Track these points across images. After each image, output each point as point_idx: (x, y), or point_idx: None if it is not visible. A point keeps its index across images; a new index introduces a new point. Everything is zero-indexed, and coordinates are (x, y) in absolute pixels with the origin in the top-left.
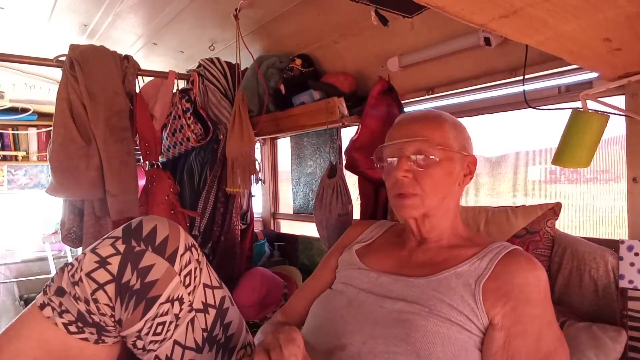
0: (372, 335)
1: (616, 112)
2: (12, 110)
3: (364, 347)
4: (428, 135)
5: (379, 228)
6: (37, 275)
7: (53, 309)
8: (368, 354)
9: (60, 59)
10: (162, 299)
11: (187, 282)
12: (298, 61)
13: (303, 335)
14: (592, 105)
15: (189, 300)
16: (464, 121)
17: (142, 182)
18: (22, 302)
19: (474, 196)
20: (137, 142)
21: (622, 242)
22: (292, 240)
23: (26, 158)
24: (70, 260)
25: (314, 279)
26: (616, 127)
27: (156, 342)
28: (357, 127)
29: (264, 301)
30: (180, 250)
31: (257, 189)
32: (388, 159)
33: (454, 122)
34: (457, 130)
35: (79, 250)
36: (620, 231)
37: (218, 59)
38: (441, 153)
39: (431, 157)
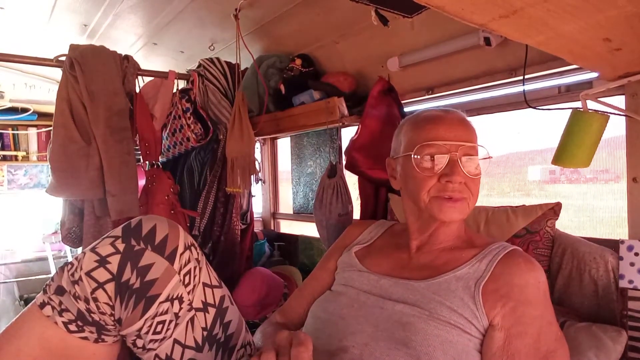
0: (374, 337)
1: (616, 112)
2: (12, 110)
3: (365, 349)
4: (474, 140)
5: (378, 228)
6: (37, 275)
7: (53, 307)
8: (370, 356)
9: (60, 59)
10: (162, 297)
11: (186, 281)
12: (298, 61)
13: None
14: (592, 105)
15: (189, 299)
16: None
17: (142, 182)
18: (22, 302)
19: None
20: (137, 142)
21: (622, 242)
22: (292, 240)
23: (26, 158)
24: (70, 260)
25: (313, 279)
26: (616, 127)
27: (156, 341)
28: (357, 127)
29: (264, 301)
30: (180, 249)
31: (257, 189)
32: (434, 156)
33: None
34: None
35: (79, 250)
36: (620, 231)
37: (218, 59)
38: (484, 161)
39: (479, 165)
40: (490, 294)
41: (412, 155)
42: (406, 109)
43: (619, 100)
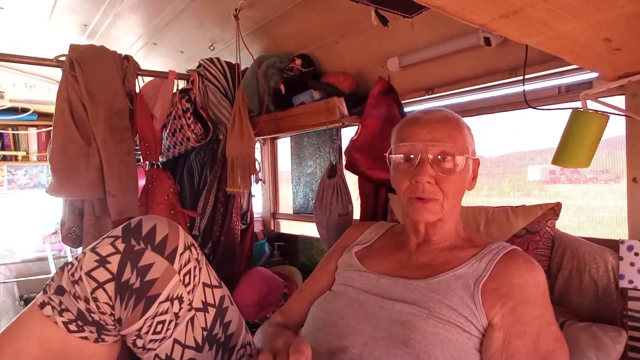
0: (373, 337)
1: (616, 112)
2: (12, 110)
3: (365, 349)
4: (453, 140)
5: (378, 229)
6: (37, 275)
7: (53, 307)
8: (369, 356)
9: (60, 59)
10: (162, 297)
11: (186, 281)
12: (298, 61)
13: (303, 336)
14: (592, 105)
15: (189, 299)
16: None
17: (142, 182)
18: (22, 302)
19: (474, 196)
20: (137, 142)
21: (622, 242)
22: (292, 240)
23: (26, 158)
24: (70, 260)
25: (313, 280)
26: (616, 127)
27: (156, 340)
28: (357, 127)
29: (264, 301)
30: (180, 249)
31: (257, 189)
32: (406, 157)
33: (467, 125)
34: (470, 134)
35: (79, 250)
36: (620, 231)
37: (218, 59)
38: (463, 160)
39: (456, 165)
40: (489, 293)
41: (390, 156)
42: (406, 109)
43: (619, 100)
